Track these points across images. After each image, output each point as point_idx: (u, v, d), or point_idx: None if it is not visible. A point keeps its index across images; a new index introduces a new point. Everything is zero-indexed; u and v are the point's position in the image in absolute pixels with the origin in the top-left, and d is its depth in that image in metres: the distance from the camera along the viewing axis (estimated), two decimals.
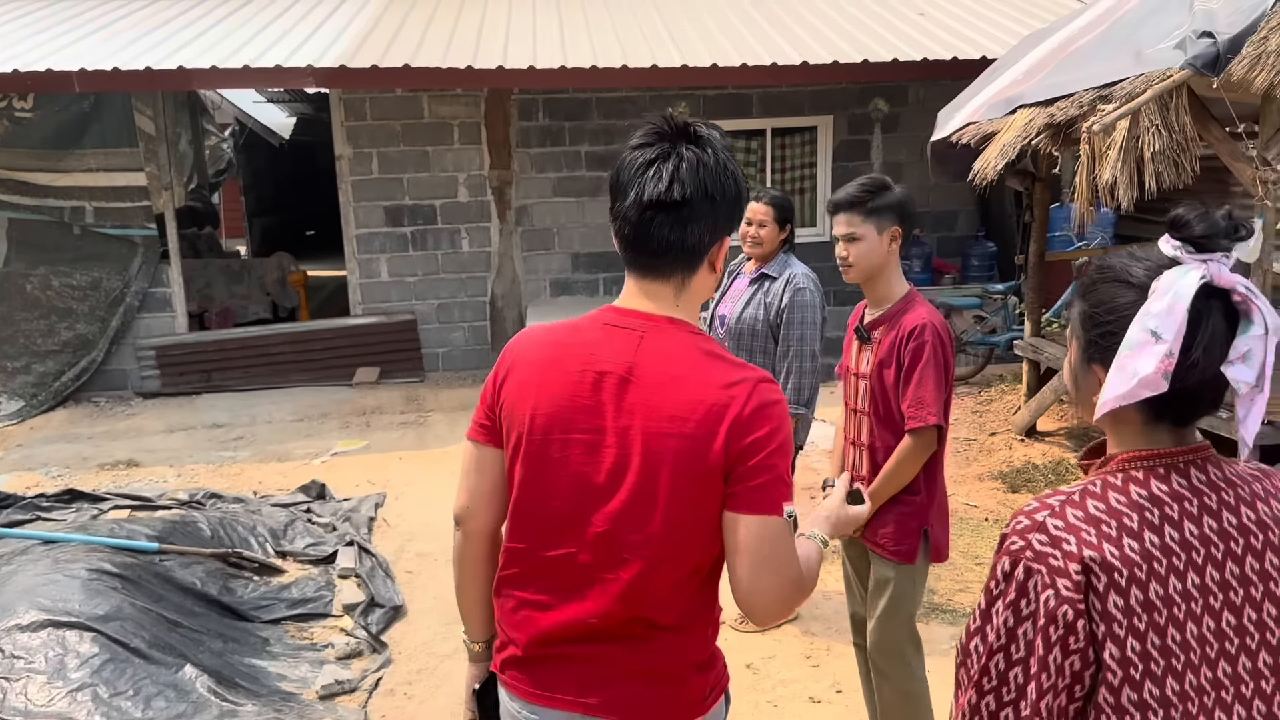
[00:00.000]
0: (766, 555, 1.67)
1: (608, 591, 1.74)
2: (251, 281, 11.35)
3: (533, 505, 1.79)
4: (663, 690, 1.77)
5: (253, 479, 6.83)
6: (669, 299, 1.78)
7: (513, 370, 1.82)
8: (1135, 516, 1.34)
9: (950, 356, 3.02)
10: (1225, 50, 4.39)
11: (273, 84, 9.58)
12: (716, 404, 1.67)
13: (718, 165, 1.73)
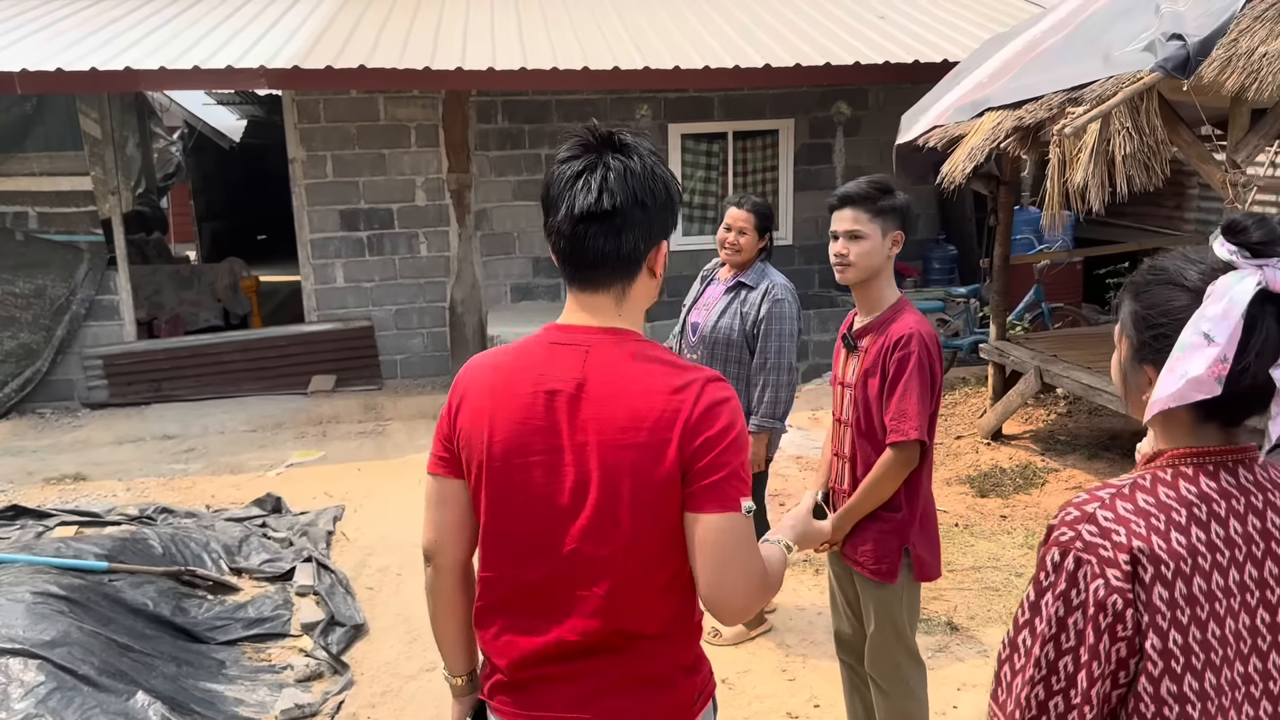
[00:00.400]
0: (729, 552, 1.67)
1: (586, 608, 1.74)
2: (202, 288, 11.07)
3: (501, 531, 1.79)
4: (653, 695, 1.79)
5: (205, 492, 6.61)
6: (611, 310, 1.78)
7: (465, 399, 1.81)
8: (1184, 512, 1.36)
9: (938, 369, 2.92)
10: (1195, 53, 4.38)
11: (224, 85, 9.36)
12: (667, 410, 1.68)
13: (645, 171, 1.73)
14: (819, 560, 5.24)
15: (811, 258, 9.57)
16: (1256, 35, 4.24)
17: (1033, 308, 8.76)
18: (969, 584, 4.98)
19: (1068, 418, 7.48)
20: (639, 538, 1.71)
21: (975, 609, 4.74)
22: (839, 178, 9.75)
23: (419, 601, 4.97)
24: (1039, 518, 5.78)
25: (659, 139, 9.40)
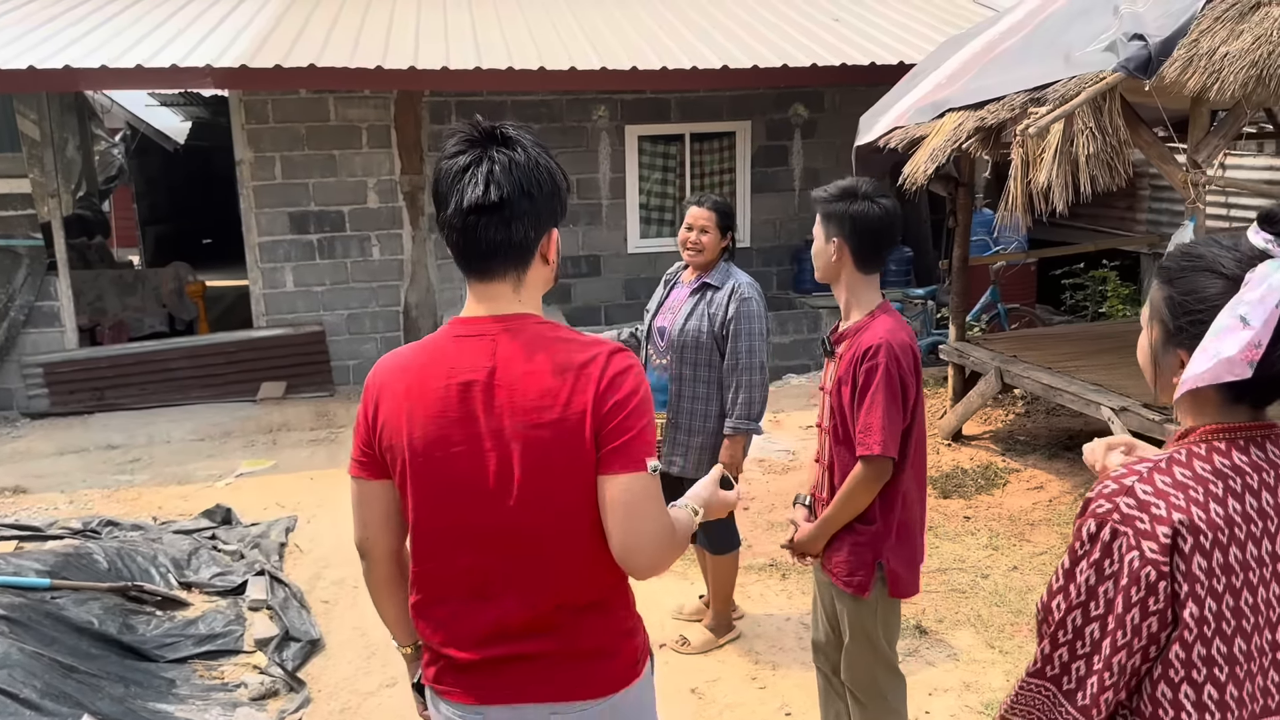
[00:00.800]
0: (637, 508, 1.78)
1: (527, 587, 1.83)
2: (146, 293, 10.77)
3: (432, 524, 1.86)
4: (599, 665, 1.89)
5: (152, 504, 6.40)
6: (510, 297, 1.85)
7: (381, 401, 1.87)
8: (1220, 484, 1.41)
9: (910, 381, 2.82)
10: (1157, 53, 4.39)
11: (168, 85, 9.10)
12: (577, 384, 1.77)
13: (529, 162, 1.81)
14: (786, 565, 5.19)
15: (769, 259, 9.54)
16: (1217, 35, 4.26)
17: (989, 309, 8.80)
18: (936, 586, 4.94)
19: (1026, 418, 7.51)
20: (566, 509, 1.81)
21: (943, 612, 4.70)
22: (796, 180, 9.74)
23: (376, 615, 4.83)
24: (1002, 518, 5.78)
25: (616, 140, 9.32)
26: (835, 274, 2.93)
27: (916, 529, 3.00)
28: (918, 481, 2.97)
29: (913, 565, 2.99)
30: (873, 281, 2.93)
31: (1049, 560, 5.21)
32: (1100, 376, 6.04)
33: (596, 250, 9.49)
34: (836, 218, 2.86)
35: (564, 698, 1.88)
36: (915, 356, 2.86)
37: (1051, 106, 4.65)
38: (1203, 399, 1.47)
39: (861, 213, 2.82)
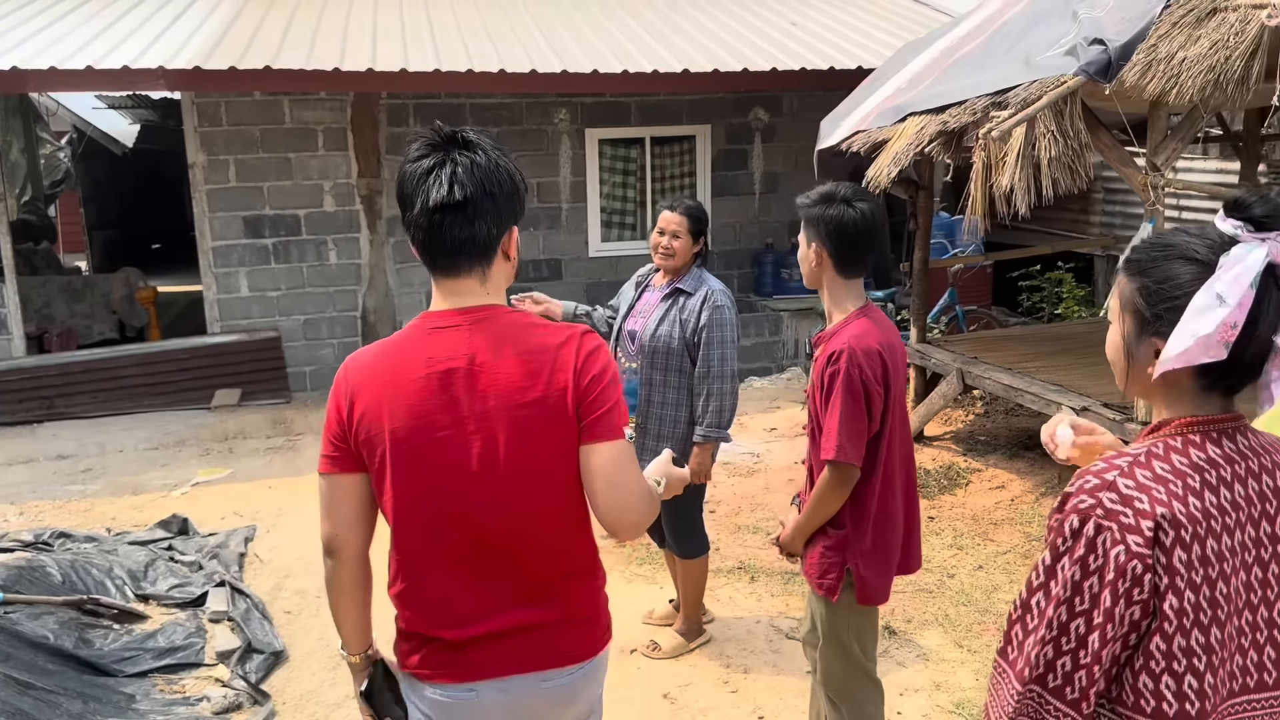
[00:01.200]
0: (618, 473, 1.91)
1: (517, 562, 1.94)
2: (95, 299, 10.55)
3: (416, 509, 1.92)
4: (582, 631, 2.03)
5: (105, 515, 6.25)
6: (478, 291, 1.95)
7: (356, 394, 1.92)
8: (1197, 477, 1.43)
9: (874, 388, 2.78)
10: (1117, 57, 4.44)
11: (120, 87, 8.91)
12: (556, 363, 1.90)
13: (490, 164, 1.90)
14: (755, 568, 5.19)
15: (730, 262, 9.55)
16: (1175, 40, 4.32)
17: (948, 310, 8.89)
18: (902, 586, 4.96)
19: (986, 418, 7.58)
20: (553, 484, 1.92)
21: (911, 612, 4.73)
22: (757, 183, 9.77)
23: None
24: (965, 518, 5.83)
25: (576, 144, 9.28)
26: (818, 279, 2.95)
27: (893, 537, 2.98)
28: (894, 487, 2.95)
29: (884, 573, 2.97)
30: (853, 286, 2.93)
31: (1013, 559, 5.26)
32: (1060, 377, 6.11)
33: (557, 254, 9.44)
34: (814, 222, 2.87)
35: (553, 665, 2.00)
36: (886, 363, 2.81)
37: (1013, 110, 4.70)
38: (1178, 388, 1.49)
39: (837, 216, 2.83)
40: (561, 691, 2.03)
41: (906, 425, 3.03)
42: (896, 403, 2.90)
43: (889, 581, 3.00)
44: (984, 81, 5.26)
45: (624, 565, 5.31)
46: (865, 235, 2.85)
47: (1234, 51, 4.07)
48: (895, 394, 2.88)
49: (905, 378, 3.01)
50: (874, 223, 2.87)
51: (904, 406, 2.98)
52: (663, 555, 5.16)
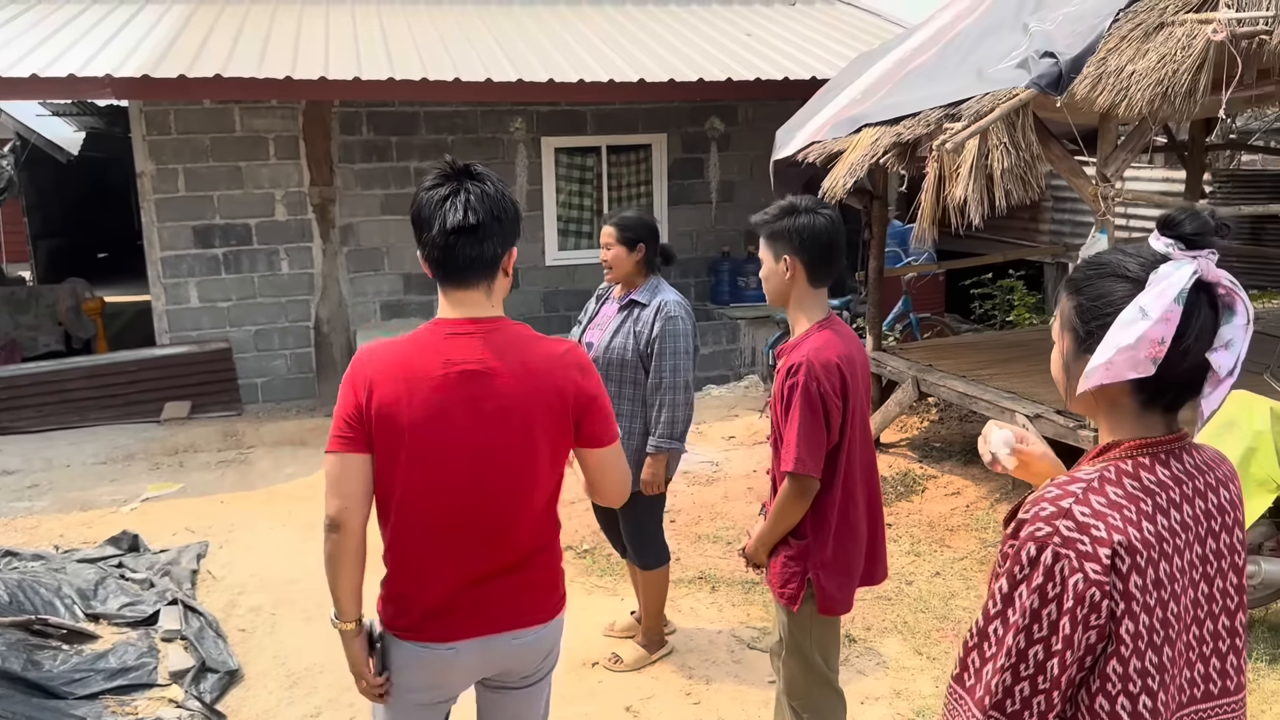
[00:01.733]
0: (612, 467, 2.36)
1: (497, 537, 2.24)
2: (41, 311, 10.34)
3: (424, 491, 2.19)
4: (545, 595, 2.36)
5: (53, 532, 6.11)
6: (484, 302, 2.24)
7: (375, 383, 2.16)
8: (1149, 501, 1.45)
9: (832, 399, 2.80)
10: (1067, 70, 4.52)
11: (66, 95, 8.74)
12: (557, 371, 2.23)
13: (497, 193, 2.21)
14: (716, 578, 5.19)
15: (687, 271, 9.57)
16: (1124, 54, 4.40)
17: (902, 318, 8.98)
18: (862, 594, 4.90)
19: (940, 424, 7.66)
20: (539, 473, 2.24)
21: (870, 619, 4.75)
22: (713, 192, 9.80)
23: (296, 642, 4.71)
24: (922, 525, 5.88)
25: (533, 152, 9.26)
26: (787, 293, 2.93)
27: (855, 547, 2.98)
28: (855, 498, 2.96)
29: (845, 584, 2.98)
30: (819, 296, 2.94)
31: (969, 565, 5.32)
32: (1013, 384, 6.19)
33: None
34: (784, 235, 2.86)
35: (522, 625, 2.32)
36: (844, 376, 2.82)
37: (967, 122, 4.76)
38: (1118, 406, 1.51)
39: (809, 225, 2.84)
40: (529, 648, 2.36)
41: (869, 437, 3.04)
42: (857, 415, 2.91)
43: (851, 592, 3.02)
44: (937, 93, 5.32)
45: (585, 577, 5.29)
46: (836, 241, 2.88)
47: (1181, 65, 4.16)
48: (855, 406, 2.88)
49: (867, 390, 3.02)
50: (841, 228, 2.91)
51: (865, 418, 2.99)
52: (623, 567, 5.15)
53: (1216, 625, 1.52)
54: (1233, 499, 1.56)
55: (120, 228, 17.23)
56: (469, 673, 2.36)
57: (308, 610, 4.97)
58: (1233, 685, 1.55)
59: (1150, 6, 4.55)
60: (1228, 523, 1.54)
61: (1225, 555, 1.53)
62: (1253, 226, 9.50)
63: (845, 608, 3.01)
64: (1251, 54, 4.20)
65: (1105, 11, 4.67)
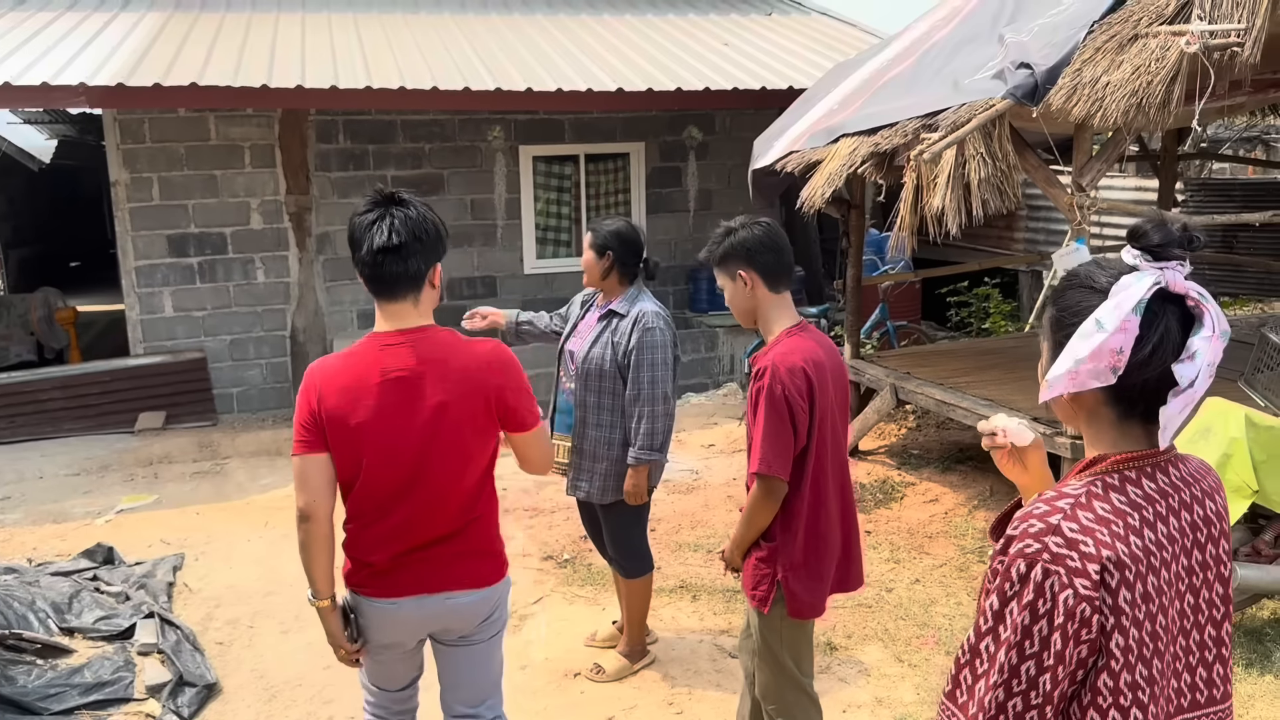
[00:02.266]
0: (537, 447, 2.80)
1: (434, 511, 2.64)
2: (12, 321, 10.21)
3: (375, 477, 2.60)
4: (479, 561, 2.75)
5: (26, 544, 6.04)
6: (412, 313, 2.62)
7: (324, 392, 2.56)
8: (1136, 516, 1.46)
9: (798, 402, 2.85)
10: (1043, 81, 4.56)
11: (39, 104, 8.66)
12: (481, 370, 2.62)
13: (419, 216, 2.57)
14: (697, 587, 5.19)
15: (665, 279, 9.57)
16: (1099, 65, 4.45)
17: (879, 326, 9.02)
18: (842, 602, 5.01)
19: (918, 432, 7.71)
20: (471, 457, 2.63)
21: (851, 627, 4.77)
22: (691, 201, 9.83)
23: (274, 655, 4.68)
24: (901, 532, 5.91)
25: (511, 161, 9.25)
26: (753, 307, 3.00)
27: (825, 551, 3.01)
28: (826, 502, 2.99)
29: (815, 588, 3.01)
30: (784, 302, 3.00)
31: (949, 572, 5.34)
32: (990, 391, 6.23)
33: (492, 271, 9.38)
34: (733, 253, 2.96)
35: (456, 587, 2.71)
36: (811, 380, 2.86)
37: (944, 133, 4.80)
38: (1097, 417, 1.53)
39: (749, 236, 2.96)
40: (466, 608, 2.74)
41: (842, 443, 3.07)
42: (827, 420, 2.94)
43: (821, 596, 3.04)
44: (914, 104, 5.36)
45: (565, 587, 5.28)
46: (782, 244, 2.98)
47: (1155, 76, 4.20)
48: (824, 411, 2.91)
49: (842, 396, 3.05)
50: (780, 233, 3.01)
51: (836, 423, 3.01)
52: (605, 576, 5.14)
53: (1203, 635, 1.54)
54: (1219, 510, 1.57)
55: (93, 237, 17.08)
56: (412, 626, 2.75)
57: (285, 623, 4.94)
58: (1219, 694, 1.57)
59: (1124, 18, 4.61)
60: (1214, 534, 1.55)
61: (1211, 566, 1.55)
62: (1224, 234, 9.62)
63: (815, 612, 3.04)
64: (1224, 65, 4.25)
65: (1080, 23, 4.72)
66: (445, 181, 9.16)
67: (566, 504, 6.25)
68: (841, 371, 3.04)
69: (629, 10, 11.22)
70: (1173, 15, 4.46)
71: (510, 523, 6.26)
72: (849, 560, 3.13)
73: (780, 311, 2.98)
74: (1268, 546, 4.49)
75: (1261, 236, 9.71)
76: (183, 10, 9.84)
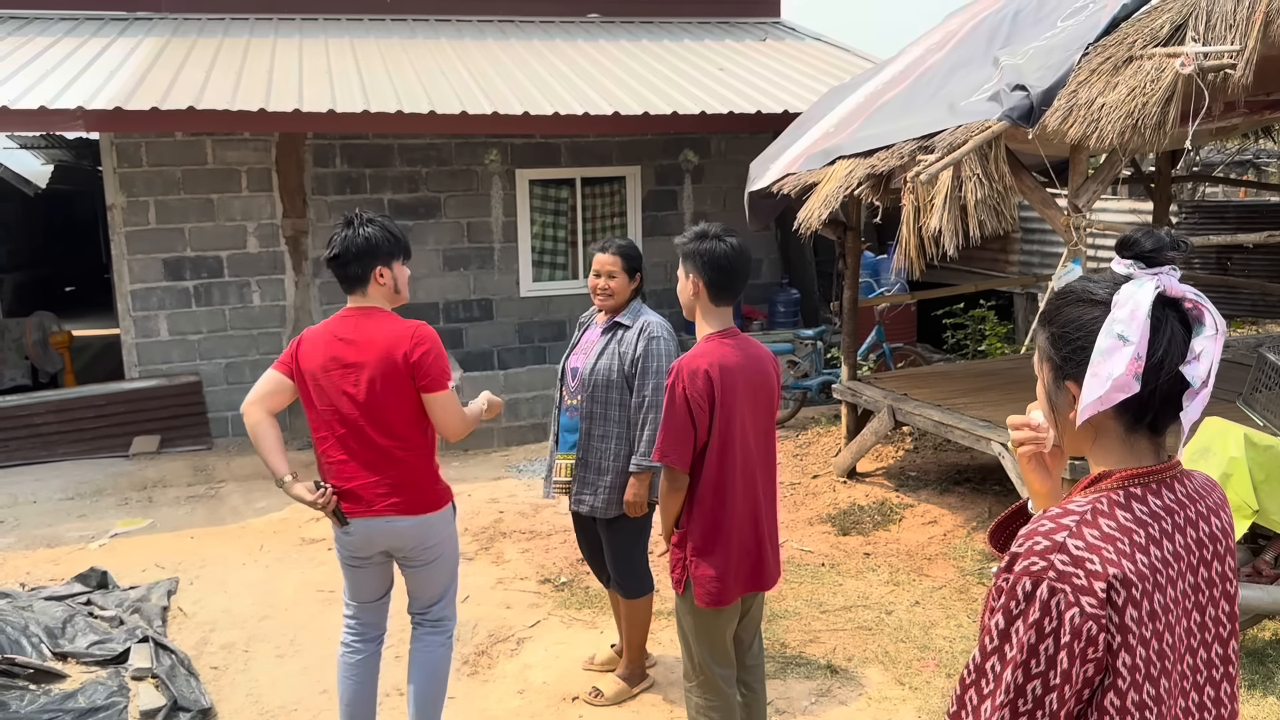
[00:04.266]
0: (445, 410, 3.44)
1: (371, 447, 3.39)
2: (6, 344, 10.18)
3: (325, 417, 3.41)
4: (415, 493, 3.46)
5: (19, 569, 5.99)
6: (363, 300, 3.44)
7: (302, 345, 3.44)
8: (1142, 533, 1.45)
9: (699, 399, 3.11)
10: (1039, 103, 4.59)
11: (36, 128, 8.65)
12: (399, 341, 3.35)
13: (357, 234, 3.37)
14: None
15: (661, 301, 9.58)
16: (1094, 87, 4.48)
17: (875, 348, 9.02)
18: (842, 624, 4.99)
19: (915, 454, 7.69)
20: (395, 404, 3.36)
21: (852, 650, 4.74)
22: (687, 224, 9.84)
23: (270, 679, 4.66)
24: (901, 554, 5.88)
25: (507, 184, 9.28)
26: (693, 307, 3.28)
27: (727, 544, 3.22)
28: (731, 497, 3.20)
29: (715, 578, 3.21)
30: (720, 313, 3.25)
31: (948, 594, 5.32)
32: (987, 412, 6.23)
33: (489, 294, 9.39)
34: (692, 256, 3.24)
35: (394, 513, 3.42)
36: (711, 380, 3.11)
37: (940, 154, 4.82)
38: (1105, 431, 1.51)
39: (710, 250, 3.20)
40: (406, 531, 3.46)
41: (755, 443, 3.25)
42: (734, 419, 3.15)
43: (723, 587, 3.22)
44: (910, 126, 5.39)
45: (563, 610, 5.24)
46: (738, 267, 3.22)
47: (1151, 98, 4.23)
48: (730, 411, 3.14)
49: (761, 398, 3.25)
50: (744, 255, 3.24)
51: (746, 424, 3.20)
52: (602, 599, 5.11)
53: (1210, 654, 1.53)
54: (1224, 527, 1.56)
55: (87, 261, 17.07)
56: (364, 543, 3.48)
57: (280, 647, 4.90)
58: (1227, 714, 1.55)
59: (1119, 40, 4.64)
60: (1219, 551, 1.54)
61: (1217, 584, 1.53)
62: (1219, 256, 9.66)
63: (717, 601, 3.22)
64: (1217, 87, 4.28)
65: (1075, 45, 4.75)
66: (442, 205, 9.18)
67: (563, 527, 6.23)
68: (764, 378, 3.26)
69: (624, 36, 11.28)
70: (1167, 37, 4.50)
71: (507, 546, 6.22)
72: (760, 559, 3.32)
73: (712, 318, 3.25)
74: (1268, 566, 4.48)
75: (1255, 258, 9.76)
76: (180, 35, 9.88)
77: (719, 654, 3.34)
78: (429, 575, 3.59)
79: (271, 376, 3.45)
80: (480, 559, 6.04)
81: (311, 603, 5.44)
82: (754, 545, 3.29)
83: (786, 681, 4.46)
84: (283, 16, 10.82)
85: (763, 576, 3.35)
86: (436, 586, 3.64)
